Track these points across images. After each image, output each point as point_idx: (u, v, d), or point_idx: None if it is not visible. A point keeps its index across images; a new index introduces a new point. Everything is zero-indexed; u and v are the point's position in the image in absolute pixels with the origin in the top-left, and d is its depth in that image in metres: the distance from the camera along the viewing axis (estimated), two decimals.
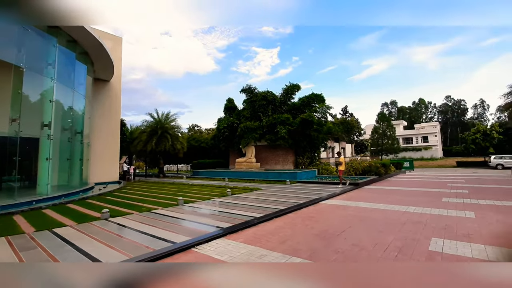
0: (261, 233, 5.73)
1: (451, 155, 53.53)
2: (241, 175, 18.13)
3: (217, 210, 8.16)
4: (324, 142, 21.67)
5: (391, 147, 39.23)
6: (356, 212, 7.56)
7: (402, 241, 4.99)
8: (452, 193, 10.62)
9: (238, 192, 11.47)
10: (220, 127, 22.81)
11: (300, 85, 22.41)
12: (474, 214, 6.98)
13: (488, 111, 71.19)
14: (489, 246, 4.58)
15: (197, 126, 62.98)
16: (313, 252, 4.61)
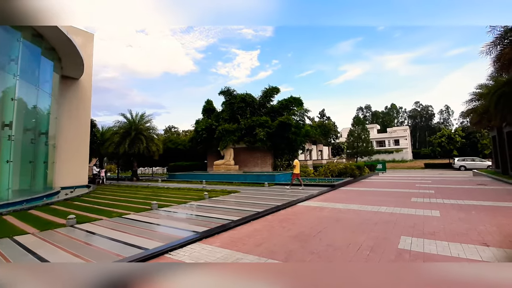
0: (238, 236, 5.67)
1: (419, 157, 56.86)
2: (219, 177, 17.90)
3: (194, 214, 7.95)
4: (302, 144, 22.04)
5: (366, 149, 40.86)
6: (331, 213, 7.72)
7: (374, 240, 5.15)
8: (420, 193, 11.22)
9: (216, 195, 11.29)
10: (198, 129, 22.41)
11: (279, 88, 22.67)
12: (439, 213, 7.40)
13: (452, 116, 76.72)
14: (452, 243, 4.86)
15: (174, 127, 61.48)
16: (289, 254, 4.62)
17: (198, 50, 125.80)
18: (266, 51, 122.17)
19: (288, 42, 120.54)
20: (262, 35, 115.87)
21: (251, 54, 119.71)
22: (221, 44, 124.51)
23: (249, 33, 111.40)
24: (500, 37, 9.67)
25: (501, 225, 5.98)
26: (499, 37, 9.70)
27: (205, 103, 24.77)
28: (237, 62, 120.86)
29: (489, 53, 10.25)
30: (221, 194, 11.56)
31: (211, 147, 22.33)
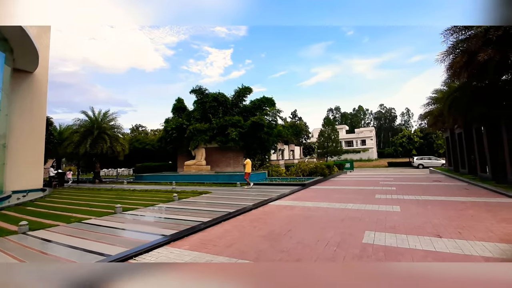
0: (208, 238, 5.55)
1: (384, 157, 60.58)
2: (190, 178, 17.43)
3: (162, 217, 7.64)
4: (274, 144, 22.30)
5: (335, 149, 42.58)
6: (302, 212, 7.89)
7: (341, 236, 5.35)
8: (383, 190, 11.92)
9: (186, 197, 10.96)
10: (167, 128, 21.59)
11: (252, 88, 22.72)
12: (399, 208, 7.91)
13: (412, 118, 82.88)
14: (410, 236, 5.21)
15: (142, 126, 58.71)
16: (259, 253, 4.62)
17: (169, 46, 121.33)
18: (240, 50, 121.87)
19: (261, 42, 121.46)
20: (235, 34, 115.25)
21: (224, 53, 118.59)
22: (193, 41, 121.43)
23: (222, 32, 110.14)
24: (452, 47, 10.62)
25: (451, 218, 6.54)
26: (451, 47, 10.65)
27: (175, 102, 23.99)
28: (210, 60, 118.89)
29: (443, 61, 11.21)
30: (191, 195, 11.26)
31: (182, 147, 21.67)
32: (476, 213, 6.98)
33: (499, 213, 6.84)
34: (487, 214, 6.77)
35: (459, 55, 10.22)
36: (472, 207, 7.70)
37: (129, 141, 26.66)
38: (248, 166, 13.85)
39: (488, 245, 4.56)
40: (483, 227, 5.60)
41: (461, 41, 10.24)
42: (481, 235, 5.10)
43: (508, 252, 4.20)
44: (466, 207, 7.81)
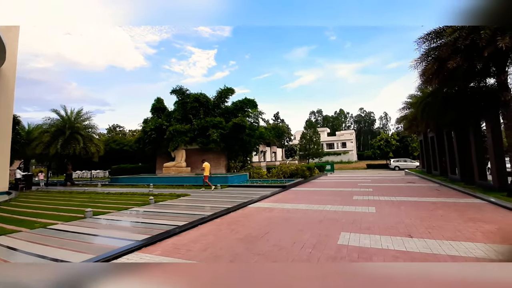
0: (182, 242, 5.37)
1: (363, 159, 62.45)
2: (169, 180, 16.95)
3: (135, 221, 7.33)
4: (256, 146, 22.28)
5: (317, 151, 43.31)
6: (281, 214, 7.87)
7: (317, 238, 5.36)
8: (361, 192, 12.20)
9: (163, 199, 10.62)
10: (146, 129, 20.90)
11: (234, 89, 22.59)
12: (375, 209, 8.10)
13: (390, 122, 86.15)
14: (383, 236, 5.32)
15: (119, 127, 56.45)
16: (235, 257, 4.52)
17: (150, 45, 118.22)
18: (224, 51, 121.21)
19: (246, 44, 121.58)
20: (219, 35, 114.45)
21: (208, 53, 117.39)
22: (176, 41, 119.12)
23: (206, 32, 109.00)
24: (425, 55, 11.11)
25: (423, 218, 6.77)
26: (424, 54, 11.13)
27: (154, 101, 23.31)
28: (193, 60, 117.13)
29: (417, 68, 11.69)
30: (169, 198, 10.92)
31: (161, 148, 21.07)
32: (445, 213, 7.28)
33: (466, 213, 7.18)
34: (455, 214, 7.09)
35: (431, 62, 10.69)
36: (442, 208, 8.04)
37: (105, 142, 25.58)
38: (207, 170, 14.04)
39: (455, 244, 4.74)
40: (451, 227, 5.83)
41: (433, 49, 10.73)
42: (449, 234, 5.31)
43: (472, 251, 4.37)
44: (437, 207, 8.14)
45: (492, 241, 4.82)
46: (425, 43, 10.89)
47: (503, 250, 4.45)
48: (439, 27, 10.35)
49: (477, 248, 4.46)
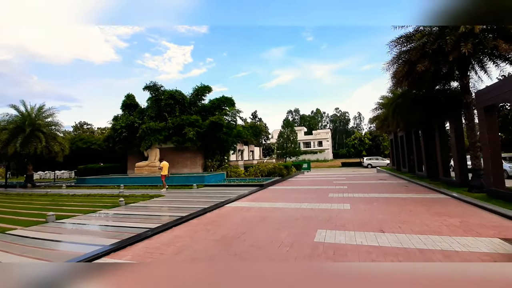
0: (154, 245, 5.11)
1: (338, 157, 64.55)
2: (142, 181, 16.21)
3: (103, 225, 6.88)
4: (233, 145, 22.05)
5: (294, 150, 44.02)
6: (258, 213, 7.80)
7: (294, 236, 5.35)
8: (336, 189, 12.51)
9: (135, 201, 10.10)
10: (116, 127, 19.75)
11: (211, 87, 22.16)
12: (349, 206, 8.31)
13: (363, 122, 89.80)
14: (357, 232, 5.44)
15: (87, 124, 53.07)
16: (210, 258, 4.38)
17: (121, 38, 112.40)
18: (200, 47, 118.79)
19: (223, 41, 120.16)
20: (196, 31, 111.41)
21: (184, 49, 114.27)
22: (150, 35, 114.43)
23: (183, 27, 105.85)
24: (396, 58, 11.62)
25: (393, 214, 7.06)
26: (395, 57, 11.65)
27: (125, 98, 22.11)
28: (168, 56, 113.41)
29: (388, 70, 12.22)
30: (141, 200, 10.41)
31: (133, 147, 20.08)
32: (414, 208, 7.65)
33: (433, 208, 7.60)
34: (422, 209, 7.47)
35: (401, 65, 11.20)
36: (411, 203, 8.45)
37: (71, 140, 23.88)
38: (165, 169, 13.75)
39: (423, 237, 4.96)
40: (420, 221, 6.12)
41: (403, 52, 11.25)
42: (417, 228, 5.55)
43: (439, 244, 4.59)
44: (406, 203, 8.54)
45: (455, 233, 5.11)
46: (396, 46, 11.38)
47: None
48: (409, 31, 10.88)
49: (443, 241, 4.69)
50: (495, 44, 8.29)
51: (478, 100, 9.13)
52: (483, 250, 4.20)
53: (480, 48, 8.99)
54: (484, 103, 8.62)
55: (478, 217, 6.31)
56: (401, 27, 10.78)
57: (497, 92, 7.94)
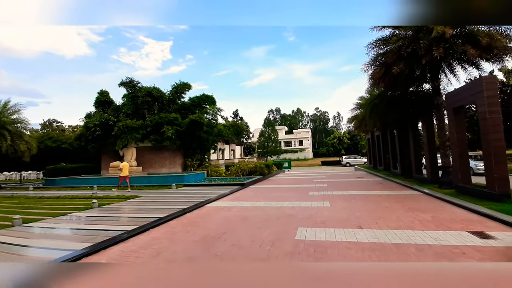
0: (130, 248, 4.89)
1: (318, 156, 65.92)
2: (117, 181, 15.49)
3: (75, 228, 6.48)
4: (214, 144, 21.76)
5: (275, 149, 44.32)
6: (239, 212, 7.74)
7: (275, 235, 5.35)
8: (316, 187, 12.74)
9: (109, 202, 9.63)
10: (89, 125, 18.68)
11: (191, 85, 21.67)
12: (329, 203, 8.48)
13: (342, 121, 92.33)
14: (337, 229, 5.54)
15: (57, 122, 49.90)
16: (190, 260, 4.26)
17: (95, 32, 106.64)
18: (180, 44, 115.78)
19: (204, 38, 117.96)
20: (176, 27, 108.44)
21: (162, 45, 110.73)
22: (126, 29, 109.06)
23: None
24: (373, 59, 12.03)
25: (370, 210, 7.29)
26: (372, 59, 12.06)
27: (98, 95, 20.96)
28: (146, 51, 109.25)
29: (366, 71, 12.63)
30: (116, 201, 9.94)
31: (107, 146, 19.14)
32: (389, 204, 7.95)
33: (406, 203, 7.94)
34: (397, 205, 7.78)
35: (378, 67, 11.61)
36: (387, 200, 8.78)
37: (39, 139, 22.35)
38: (125, 170, 13.38)
39: (398, 232, 5.15)
40: (395, 217, 6.36)
41: (380, 54, 11.67)
42: (393, 224, 5.76)
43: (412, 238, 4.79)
44: (382, 199, 8.86)
45: (428, 228, 5.37)
46: (374, 49, 11.77)
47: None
48: (386, 35, 11.30)
49: (416, 236, 4.90)
50: (463, 49, 8.82)
51: (448, 102, 9.67)
52: (452, 243, 4.43)
53: (450, 53, 9.52)
54: (453, 104, 9.14)
55: (448, 212, 6.68)
56: (379, 30, 11.16)
57: (465, 95, 8.45)
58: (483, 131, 7.58)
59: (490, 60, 9.56)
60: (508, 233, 4.82)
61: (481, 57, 9.39)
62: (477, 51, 8.74)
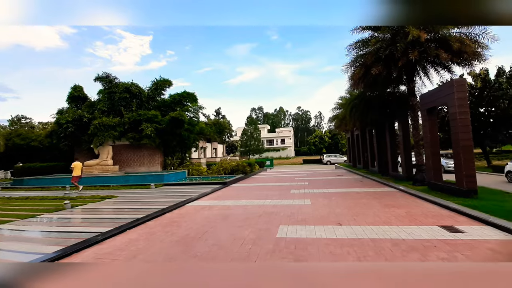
0: (106, 251, 4.68)
1: (300, 154, 66.87)
2: (92, 181, 14.75)
3: (45, 231, 6.11)
4: (195, 142, 21.38)
5: (257, 148, 44.43)
6: (221, 211, 7.65)
7: (257, 233, 5.34)
8: (298, 185, 12.90)
9: (83, 203, 9.17)
10: (62, 121, 17.59)
11: (171, 81, 21.08)
12: (310, 201, 8.61)
13: (323, 120, 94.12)
14: (317, 226, 5.63)
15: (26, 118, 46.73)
16: (169, 261, 4.14)
17: None
18: (160, 39, 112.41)
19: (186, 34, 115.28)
20: None
21: (142, 39, 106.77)
22: None
23: None
24: (353, 61, 12.36)
25: (349, 207, 7.48)
26: (353, 60, 12.38)
27: (71, 90, 19.80)
28: (124, 45, 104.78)
29: (347, 72, 12.96)
30: (90, 202, 9.48)
31: (81, 144, 18.17)
32: (367, 201, 8.21)
33: (383, 200, 8.24)
34: (374, 202, 8.05)
35: (358, 68, 11.94)
36: (365, 197, 9.06)
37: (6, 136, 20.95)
38: (77, 170, 12.87)
39: (375, 228, 5.32)
40: (372, 213, 6.57)
41: (360, 56, 12.00)
42: (370, 220, 5.95)
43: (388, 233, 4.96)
44: (361, 196, 9.14)
45: (402, 223, 5.60)
46: (354, 50, 12.07)
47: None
48: (365, 37, 11.62)
49: (391, 231, 5.09)
50: (437, 53, 9.27)
51: (422, 103, 10.13)
52: (425, 237, 4.64)
53: (424, 56, 9.96)
54: (426, 105, 9.59)
55: (421, 208, 7.00)
56: (359, 32, 11.47)
57: (437, 96, 8.89)
58: (453, 131, 8.01)
59: (460, 64, 10.12)
60: (474, 227, 5.14)
61: (452, 61, 9.91)
62: (449, 55, 9.22)
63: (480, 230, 4.94)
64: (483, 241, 4.37)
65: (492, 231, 4.87)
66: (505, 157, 22.78)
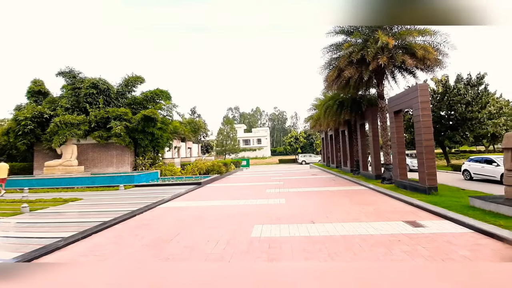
0: (68, 257, 4.39)
1: (276, 154, 67.56)
2: (54, 182, 13.63)
3: (1, 236, 5.54)
4: (169, 141, 20.65)
5: (233, 147, 44.12)
6: (194, 212, 7.48)
7: (231, 233, 5.28)
8: (273, 185, 13.01)
9: (43, 206, 8.46)
10: (19, 118, 16.04)
11: (144, 78, 20.16)
12: (285, 200, 8.71)
13: (299, 121, 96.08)
14: (291, 225, 5.70)
15: None
16: (139, 264, 3.95)
17: None
18: None
19: None
20: None
21: None
22: None
23: None
24: (328, 63, 12.75)
25: (322, 205, 7.69)
26: (327, 62, 12.77)
27: (31, 84, 18.17)
28: None
29: (321, 74, 13.33)
30: (51, 205, 8.77)
31: (41, 142, 16.70)
32: (339, 199, 8.49)
33: (354, 198, 8.58)
34: (346, 200, 8.36)
35: (332, 70, 12.33)
36: (337, 195, 9.37)
37: None
38: (2, 172, 11.90)
39: (346, 224, 5.51)
40: (343, 211, 6.81)
41: (334, 59, 12.41)
42: (341, 217, 6.15)
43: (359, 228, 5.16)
44: (333, 195, 9.43)
45: (371, 219, 5.86)
46: (328, 53, 12.46)
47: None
48: (339, 41, 12.04)
49: (361, 227, 5.31)
50: (403, 59, 9.85)
51: (389, 105, 10.71)
52: (390, 232, 4.90)
53: (392, 62, 10.55)
54: (393, 108, 10.16)
55: (388, 204, 7.39)
56: (333, 36, 11.87)
57: (403, 100, 9.45)
58: (417, 132, 8.56)
59: (424, 70, 10.84)
60: (435, 221, 5.52)
61: (417, 67, 10.60)
62: (414, 61, 9.85)
63: (439, 224, 5.32)
64: (441, 234, 4.70)
65: (449, 225, 5.26)
66: (462, 156, 24.84)
